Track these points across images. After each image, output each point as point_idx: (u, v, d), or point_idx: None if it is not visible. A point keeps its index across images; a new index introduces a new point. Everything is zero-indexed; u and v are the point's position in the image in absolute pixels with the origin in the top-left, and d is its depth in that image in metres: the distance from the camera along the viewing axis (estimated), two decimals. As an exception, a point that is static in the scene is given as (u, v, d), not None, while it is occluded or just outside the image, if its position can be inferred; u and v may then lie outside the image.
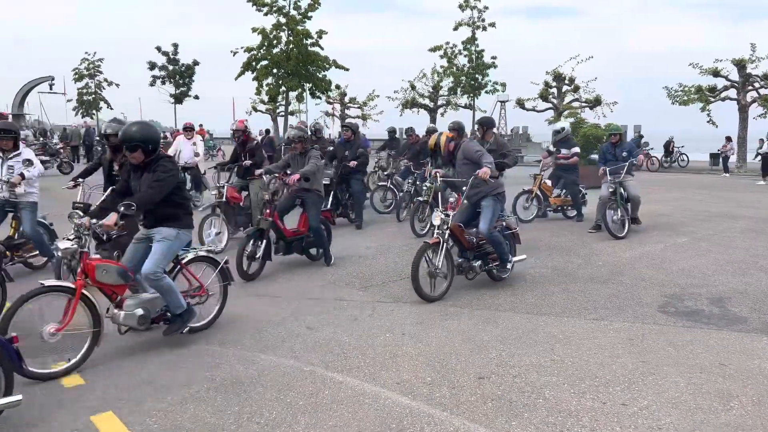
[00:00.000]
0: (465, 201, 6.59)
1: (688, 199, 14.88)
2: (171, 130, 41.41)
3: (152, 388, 4.03)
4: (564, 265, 7.51)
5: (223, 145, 36.41)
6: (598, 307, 5.82)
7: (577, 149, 11.10)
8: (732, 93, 25.83)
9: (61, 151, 23.50)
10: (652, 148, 26.19)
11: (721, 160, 24.85)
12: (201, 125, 34.63)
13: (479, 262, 6.40)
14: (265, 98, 32.13)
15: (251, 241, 6.87)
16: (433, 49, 35.00)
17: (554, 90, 30.69)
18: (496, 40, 46.64)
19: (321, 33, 29.30)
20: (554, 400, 3.82)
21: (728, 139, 24.74)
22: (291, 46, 28.87)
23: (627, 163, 9.53)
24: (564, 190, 11.01)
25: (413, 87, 36.44)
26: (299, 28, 28.75)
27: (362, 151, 10.60)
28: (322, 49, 29.56)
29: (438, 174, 8.09)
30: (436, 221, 6.08)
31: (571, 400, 3.81)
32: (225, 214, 8.50)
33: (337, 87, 35.50)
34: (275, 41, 28.94)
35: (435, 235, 6.08)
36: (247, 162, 8.96)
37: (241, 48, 29.12)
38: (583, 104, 29.95)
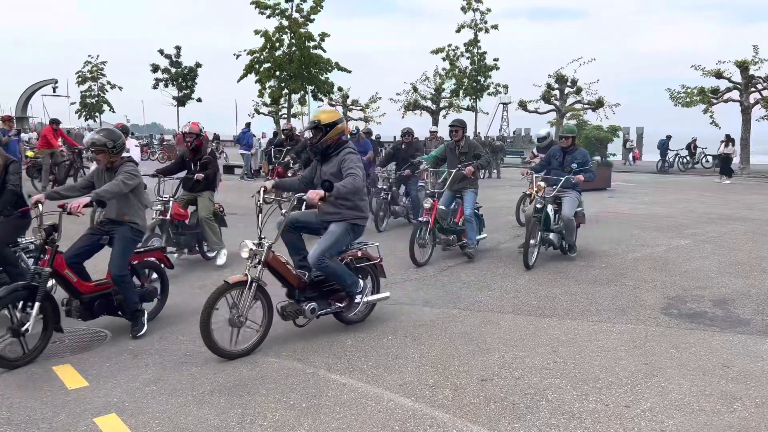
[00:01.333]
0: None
1: (691, 201, 14.86)
2: (174, 132, 41.49)
3: (156, 390, 4.04)
4: (566, 267, 7.50)
5: (226, 148, 36.49)
6: (601, 309, 5.81)
7: None
8: (735, 95, 25.79)
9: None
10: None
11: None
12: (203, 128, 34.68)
13: (312, 305, 4.93)
14: (268, 101, 32.20)
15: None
16: (436, 52, 35.06)
17: (557, 92, 30.72)
18: (498, 42, 46.67)
19: (323, 35, 29.36)
20: (557, 402, 3.81)
21: (732, 140, 24.69)
22: (293, 48, 28.92)
23: (563, 179, 7.75)
24: None
25: (416, 89, 36.50)
26: (302, 30, 28.79)
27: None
28: (324, 51, 29.63)
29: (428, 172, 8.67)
30: (244, 253, 4.62)
31: (574, 403, 3.80)
32: (167, 234, 7.31)
33: (339, 89, 35.56)
34: (278, 44, 28.99)
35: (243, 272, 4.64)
36: (199, 175, 7.50)
37: (244, 51, 29.20)
38: (586, 106, 29.98)
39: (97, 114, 45.50)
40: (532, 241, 7.38)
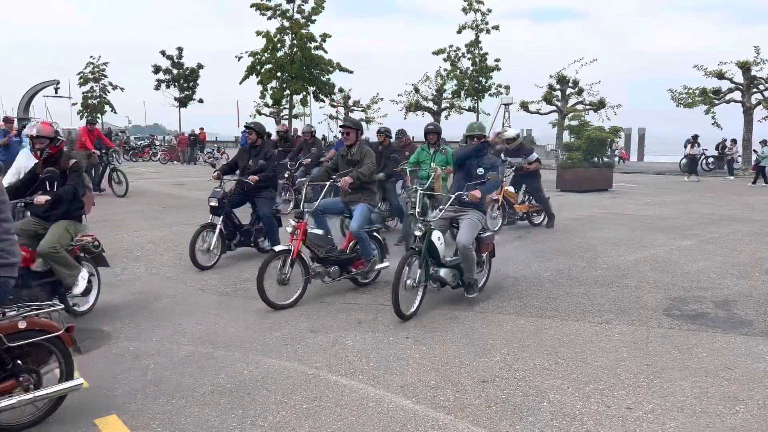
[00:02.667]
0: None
1: (693, 202, 14.84)
2: (175, 133, 41.53)
3: (156, 392, 4.03)
4: (568, 268, 7.49)
5: (227, 149, 36.51)
6: (603, 310, 5.80)
7: (535, 155, 10.71)
8: (737, 95, 25.76)
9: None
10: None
11: (726, 162, 24.77)
12: (202, 129, 34.68)
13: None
14: (270, 102, 32.24)
15: None
16: (437, 52, 35.04)
17: (558, 93, 30.70)
18: (499, 43, 46.62)
19: (325, 36, 29.38)
20: (558, 403, 3.80)
21: (733, 141, 24.67)
22: (295, 49, 28.95)
23: (452, 196, 5.91)
24: (528, 197, 10.84)
25: (417, 90, 36.50)
26: (303, 31, 28.82)
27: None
28: (326, 52, 29.66)
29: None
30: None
31: (576, 404, 3.79)
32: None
33: (341, 90, 35.57)
34: (279, 45, 29.02)
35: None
36: (40, 199, 5.14)
37: (246, 52, 29.24)
38: (587, 107, 29.97)
39: (98, 115, 45.53)
40: (408, 281, 5.39)
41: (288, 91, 29.92)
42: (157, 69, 40.71)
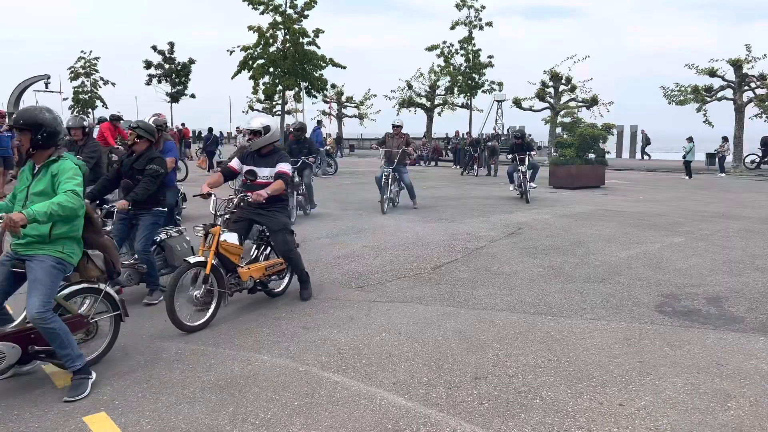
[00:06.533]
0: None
1: (685, 199, 14.90)
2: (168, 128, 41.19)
3: (146, 389, 4.00)
4: (561, 264, 7.49)
5: (221, 146, 36.28)
6: (595, 306, 5.80)
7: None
8: (728, 93, 25.89)
9: None
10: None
11: (717, 160, 24.90)
12: (183, 124, 34.25)
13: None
14: (262, 97, 32.11)
15: None
16: (430, 49, 35.07)
17: (551, 90, 30.78)
18: (493, 39, 46.68)
19: (317, 32, 29.25)
20: (551, 400, 3.79)
21: (725, 139, 24.80)
22: (287, 44, 28.81)
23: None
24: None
25: (410, 86, 36.53)
26: (296, 26, 28.69)
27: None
28: (318, 48, 29.54)
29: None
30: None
31: (568, 401, 3.78)
32: None
33: (333, 86, 35.49)
34: (271, 40, 28.88)
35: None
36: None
37: (238, 47, 29.07)
38: (580, 104, 30.06)
39: (89, 110, 45.24)
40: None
41: (280, 87, 29.80)
42: (148, 64, 40.48)
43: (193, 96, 42.46)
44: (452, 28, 34.47)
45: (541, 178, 16.41)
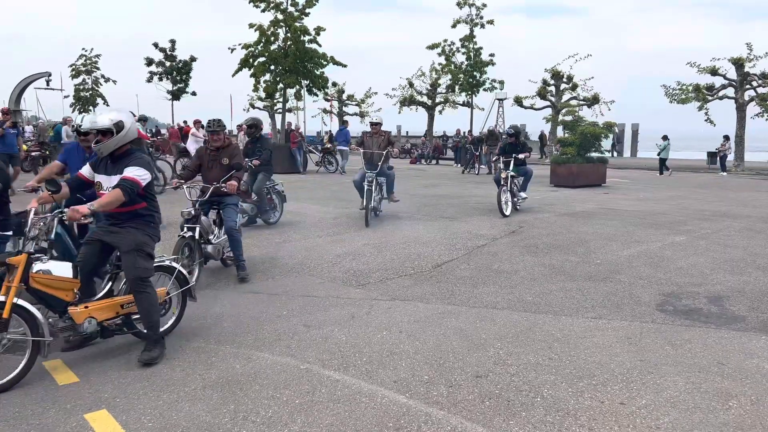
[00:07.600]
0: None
1: (686, 197, 14.88)
2: (168, 126, 41.27)
3: (147, 386, 4.00)
4: (561, 263, 7.49)
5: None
6: (596, 305, 5.79)
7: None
8: (730, 92, 25.86)
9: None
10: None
11: (718, 158, 24.87)
12: (185, 122, 34.18)
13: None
14: (263, 95, 32.06)
15: None
16: (432, 47, 34.99)
17: (552, 88, 30.73)
18: (494, 38, 46.65)
19: (319, 30, 29.19)
20: (552, 399, 3.79)
21: (726, 137, 24.78)
22: (289, 42, 28.77)
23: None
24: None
25: (411, 85, 36.46)
26: (297, 24, 28.63)
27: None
28: (320, 45, 29.48)
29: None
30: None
31: (569, 399, 3.78)
32: None
33: (334, 84, 35.45)
34: (273, 38, 28.82)
35: None
36: None
37: (239, 45, 29.01)
38: (581, 102, 30.01)
39: (90, 108, 45.20)
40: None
41: (281, 85, 29.75)
42: (149, 62, 40.42)
43: (194, 94, 42.37)
44: (453, 26, 34.40)
45: (541, 177, 16.25)
